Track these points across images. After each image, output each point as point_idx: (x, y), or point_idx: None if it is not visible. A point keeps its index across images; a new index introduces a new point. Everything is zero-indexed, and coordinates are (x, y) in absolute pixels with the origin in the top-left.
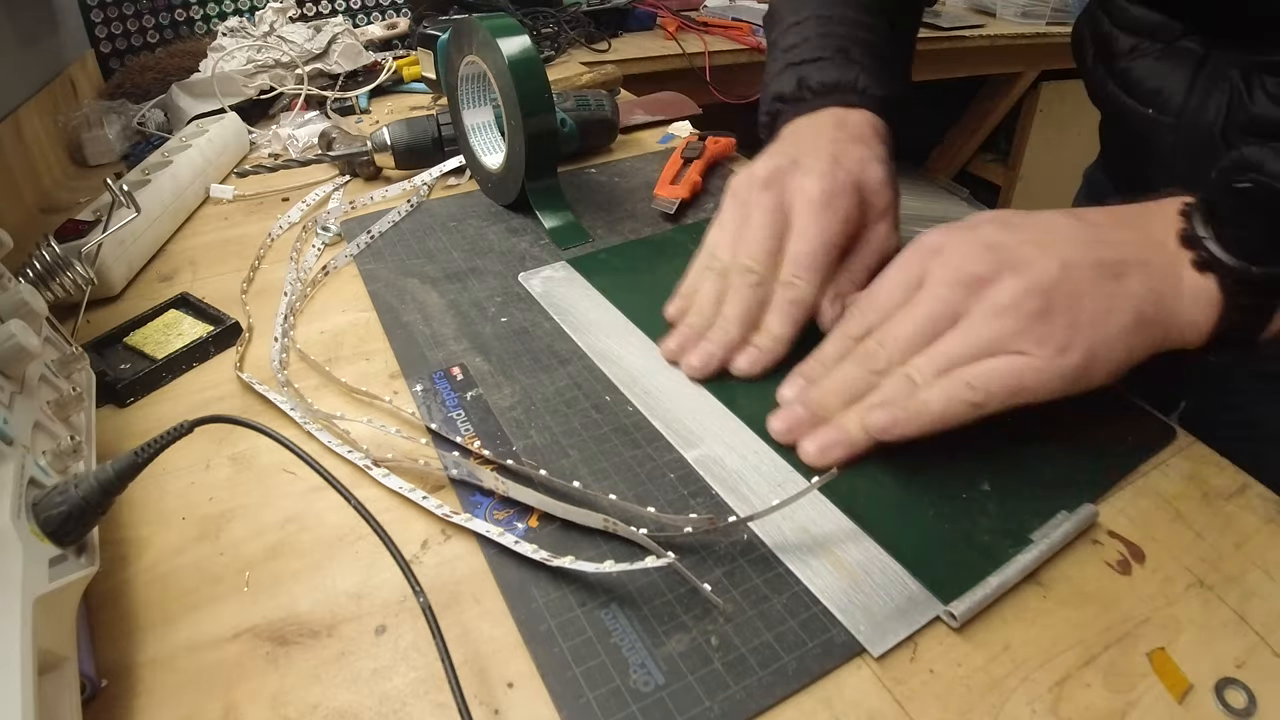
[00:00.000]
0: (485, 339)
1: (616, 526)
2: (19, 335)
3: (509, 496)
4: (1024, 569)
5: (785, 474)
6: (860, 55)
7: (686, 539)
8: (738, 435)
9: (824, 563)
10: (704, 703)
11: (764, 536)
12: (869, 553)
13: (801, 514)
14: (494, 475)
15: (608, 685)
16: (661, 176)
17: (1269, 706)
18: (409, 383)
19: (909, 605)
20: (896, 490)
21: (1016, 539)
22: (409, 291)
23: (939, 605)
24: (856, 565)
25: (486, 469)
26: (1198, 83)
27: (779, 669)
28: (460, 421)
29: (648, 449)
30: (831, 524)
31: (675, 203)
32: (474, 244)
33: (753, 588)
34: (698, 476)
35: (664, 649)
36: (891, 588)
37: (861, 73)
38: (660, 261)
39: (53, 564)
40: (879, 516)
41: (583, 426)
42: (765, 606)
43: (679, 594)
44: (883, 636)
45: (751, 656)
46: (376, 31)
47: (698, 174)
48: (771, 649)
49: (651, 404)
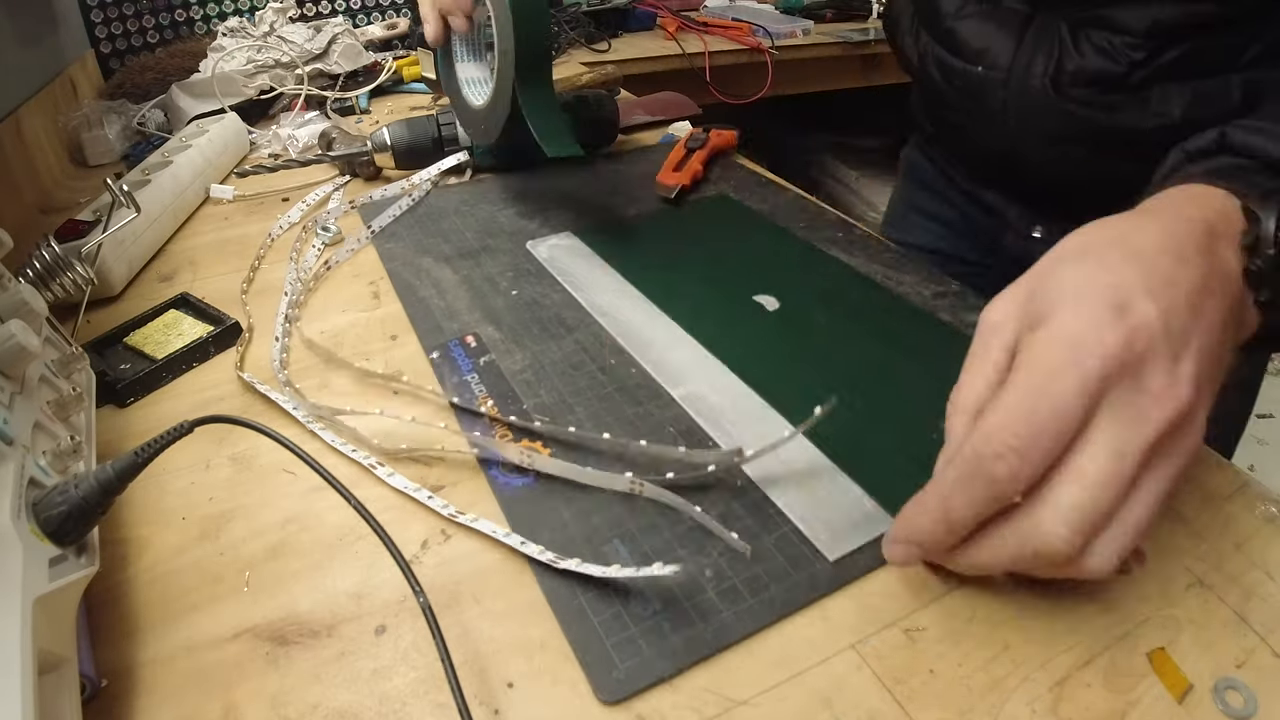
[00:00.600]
0: (497, 310)
1: (644, 488)
2: (19, 335)
3: (534, 469)
4: None
5: (763, 410)
6: None
7: (685, 480)
8: (721, 378)
9: (801, 492)
10: (697, 625)
11: (756, 479)
12: (836, 481)
13: (787, 454)
14: (519, 449)
15: (610, 610)
16: (665, 164)
17: (1269, 706)
18: (425, 350)
19: (864, 520)
20: (869, 432)
21: None
22: (424, 269)
23: (890, 520)
24: (823, 489)
25: (510, 444)
26: (1025, 39)
27: (767, 598)
28: (474, 384)
29: (649, 405)
30: (808, 460)
31: (676, 189)
32: (485, 225)
33: (745, 526)
34: (696, 428)
35: (662, 580)
36: (851, 507)
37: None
38: (658, 235)
39: (53, 564)
40: (849, 453)
41: (588, 386)
42: (756, 543)
43: (678, 531)
44: (839, 545)
45: (743, 586)
46: (376, 32)
47: (699, 163)
48: (760, 580)
49: (645, 352)
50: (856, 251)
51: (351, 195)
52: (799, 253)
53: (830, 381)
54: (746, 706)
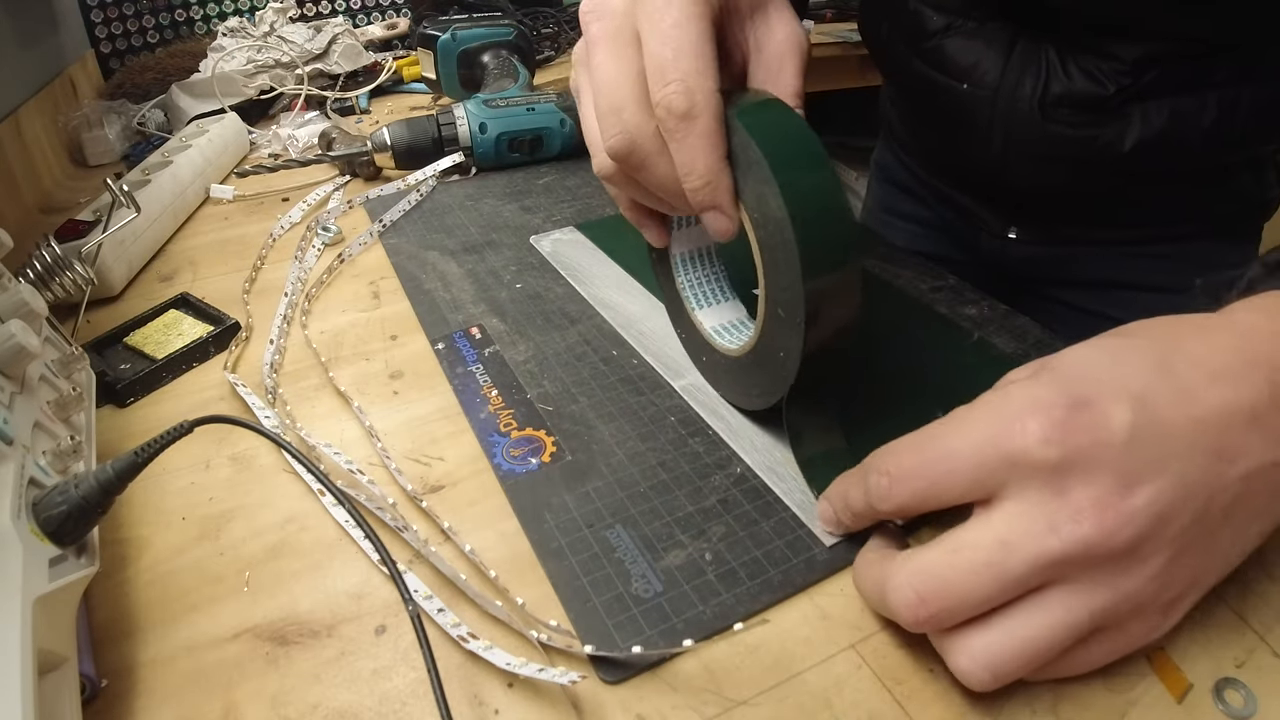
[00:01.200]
0: (501, 303)
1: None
2: (19, 335)
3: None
4: None
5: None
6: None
7: (686, 472)
8: None
9: (799, 480)
10: (698, 607)
11: (755, 467)
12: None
13: (782, 451)
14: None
15: (612, 592)
16: None
17: (1269, 706)
18: (430, 342)
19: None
20: (868, 422)
21: None
22: (430, 262)
23: None
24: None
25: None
26: (1013, 59)
27: (766, 580)
28: (479, 375)
29: (650, 395)
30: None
31: None
32: (490, 220)
33: (744, 513)
34: (696, 418)
35: (663, 562)
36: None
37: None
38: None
39: (53, 564)
40: (849, 442)
41: (591, 377)
42: (755, 529)
43: (677, 517)
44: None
45: (741, 570)
46: (376, 32)
47: None
48: (760, 564)
49: (646, 343)
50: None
51: (351, 195)
52: None
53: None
54: (746, 706)
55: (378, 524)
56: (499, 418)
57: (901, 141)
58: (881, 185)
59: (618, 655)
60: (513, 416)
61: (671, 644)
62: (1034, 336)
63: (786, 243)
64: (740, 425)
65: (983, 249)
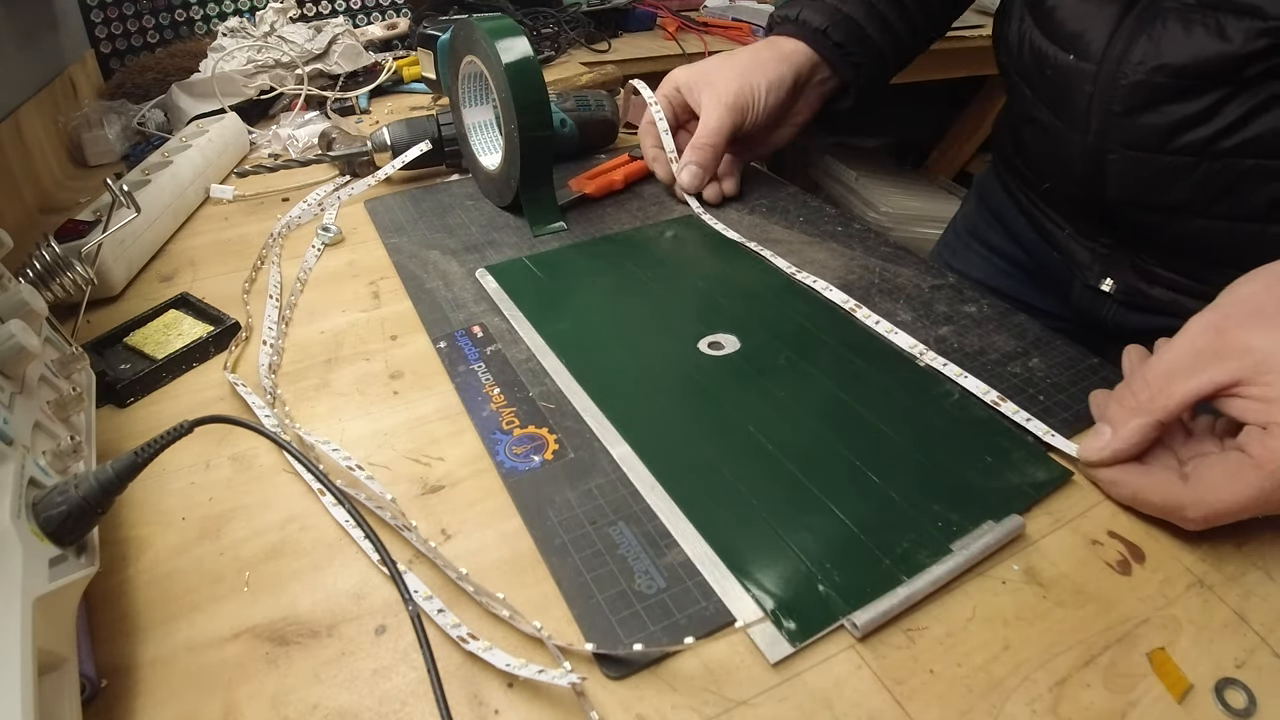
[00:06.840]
0: None
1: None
2: (19, 335)
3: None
4: (936, 580)
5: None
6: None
7: None
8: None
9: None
10: (700, 603)
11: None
12: (787, 556)
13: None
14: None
15: (615, 589)
16: (594, 169)
17: (1269, 706)
18: (432, 340)
19: (815, 609)
20: (815, 501)
21: (936, 549)
22: (431, 262)
23: (845, 610)
24: (771, 569)
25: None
26: (1124, 24)
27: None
28: (481, 373)
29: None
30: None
31: (576, 194)
32: (491, 220)
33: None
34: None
35: (665, 559)
36: (803, 587)
37: (805, 8)
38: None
39: (53, 564)
40: (794, 522)
41: None
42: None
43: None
44: (781, 643)
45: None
46: (376, 32)
47: (619, 175)
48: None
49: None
50: (855, 245)
51: (351, 196)
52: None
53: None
54: (746, 706)
55: (378, 524)
56: (501, 416)
57: (1005, 157)
58: (977, 208)
59: (620, 653)
60: (515, 414)
61: (674, 640)
62: (1033, 335)
63: (505, 98)
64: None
65: (1074, 302)
